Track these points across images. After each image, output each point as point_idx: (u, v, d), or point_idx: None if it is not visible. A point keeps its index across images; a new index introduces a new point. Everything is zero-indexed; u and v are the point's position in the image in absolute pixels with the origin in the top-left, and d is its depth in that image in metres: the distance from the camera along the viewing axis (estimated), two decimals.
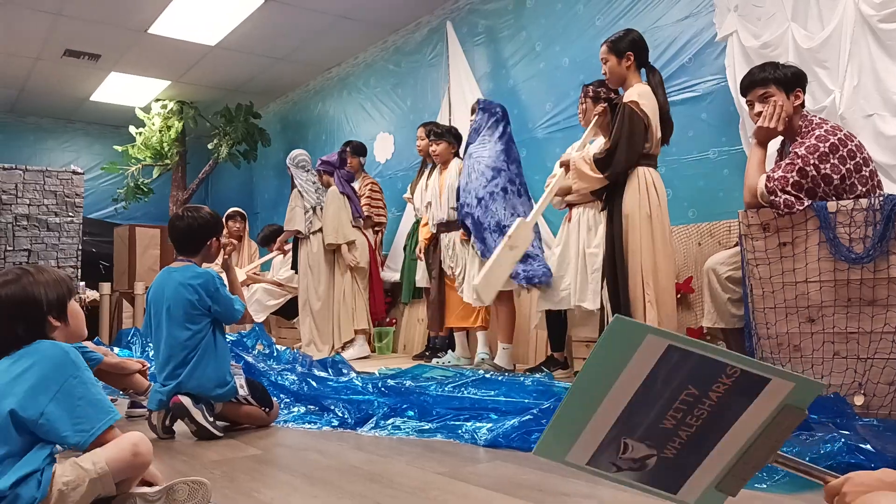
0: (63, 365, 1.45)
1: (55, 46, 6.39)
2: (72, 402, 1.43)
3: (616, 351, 0.97)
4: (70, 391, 1.43)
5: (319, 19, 5.92)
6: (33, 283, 1.53)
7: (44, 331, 1.53)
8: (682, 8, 3.92)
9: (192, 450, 2.31)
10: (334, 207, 4.90)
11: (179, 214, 2.62)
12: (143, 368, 3.06)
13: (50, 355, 1.46)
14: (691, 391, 0.97)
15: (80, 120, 8.76)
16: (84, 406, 1.44)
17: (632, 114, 2.96)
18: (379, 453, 2.17)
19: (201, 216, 2.59)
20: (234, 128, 7.53)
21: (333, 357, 3.71)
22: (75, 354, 1.49)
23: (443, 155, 4.35)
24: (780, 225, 2.39)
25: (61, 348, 1.48)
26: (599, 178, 3.02)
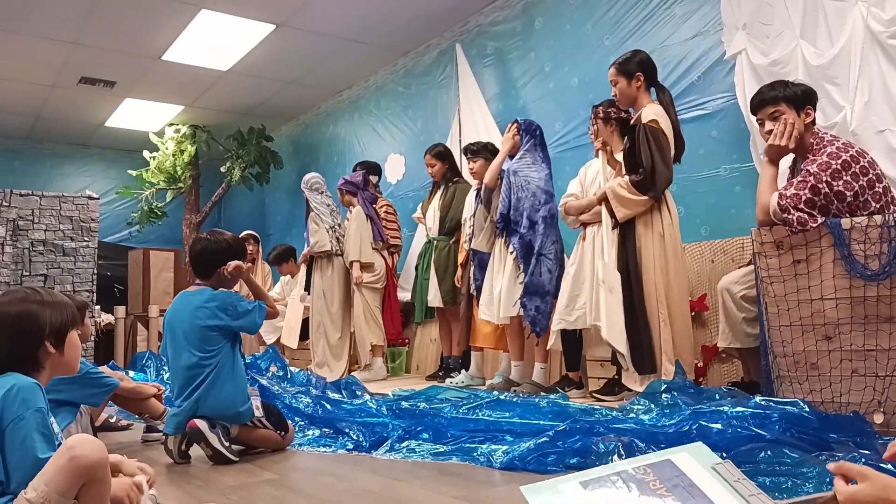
0: (9, 405, 1.35)
1: (71, 74, 6.50)
2: (12, 447, 1.33)
3: None
4: (11, 436, 1.34)
5: (330, 43, 5.99)
6: (39, 304, 1.50)
7: (37, 355, 1.48)
8: (690, 27, 3.94)
9: (209, 474, 2.31)
10: (357, 226, 4.93)
11: (199, 237, 2.65)
12: (159, 393, 3.08)
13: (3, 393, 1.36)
14: None
15: (96, 145, 8.89)
16: (21, 454, 1.33)
17: (656, 132, 2.97)
18: (394, 477, 2.17)
19: (217, 241, 2.62)
20: (246, 151, 7.61)
21: (347, 379, 3.71)
22: (29, 392, 1.38)
23: (479, 172, 4.25)
24: (794, 242, 2.38)
25: (17, 384, 1.38)
26: (644, 199, 2.98)
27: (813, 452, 1.86)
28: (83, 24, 5.46)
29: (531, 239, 3.70)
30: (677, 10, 4.01)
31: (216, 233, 2.67)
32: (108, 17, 5.37)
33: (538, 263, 3.63)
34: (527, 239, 3.71)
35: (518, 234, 3.73)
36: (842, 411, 2.22)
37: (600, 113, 3.46)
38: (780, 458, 1.78)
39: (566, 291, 3.39)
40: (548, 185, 3.80)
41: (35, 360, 1.48)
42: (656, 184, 2.96)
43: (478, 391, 3.38)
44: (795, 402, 2.10)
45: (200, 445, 2.46)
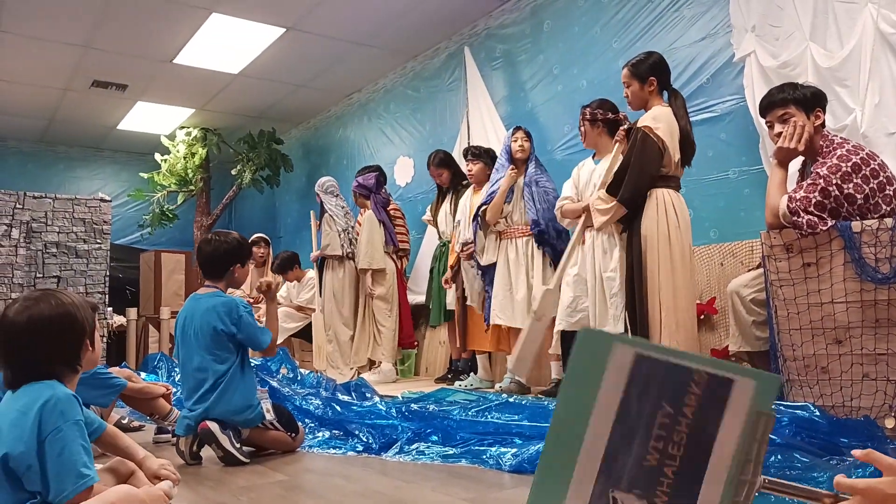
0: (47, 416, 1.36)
1: (84, 77, 6.57)
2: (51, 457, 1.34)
3: (589, 367, 0.96)
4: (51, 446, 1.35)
5: (339, 47, 6.02)
6: (71, 305, 1.49)
7: (79, 354, 1.49)
8: (699, 29, 3.93)
9: (220, 476, 2.33)
10: (369, 232, 4.95)
11: (207, 239, 2.67)
12: (168, 393, 3.10)
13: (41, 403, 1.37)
14: (666, 411, 0.96)
15: (108, 148, 8.96)
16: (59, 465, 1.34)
17: (644, 138, 2.97)
18: (404, 479, 2.18)
19: (227, 241, 2.63)
20: (256, 154, 7.66)
21: (356, 381, 3.73)
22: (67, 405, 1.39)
23: (478, 175, 4.36)
24: (804, 245, 2.37)
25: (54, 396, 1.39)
26: (615, 205, 3.04)
27: (823, 457, 1.86)
28: (95, 27, 5.52)
29: (562, 249, 3.75)
30: (686, 13, 4.01)
31: (223, 233, 2.69)
32: (120, 21, 5.42)
33: None
34: (559, 249, 3.79)
35: (550, 245, 3.81)
36: (852, 416, 2.22)
37: (587, 114, 3.51)
38: (791, 463, 1.78)
39: (568, 293, 3.40)
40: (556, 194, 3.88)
41: (78, 359, 1.50)
42: (623, 186, 2.99)
43: (487, 393, 3.39)
44: (806, 407, 2.10)
45: (212, 447, 2.48)
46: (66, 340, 1.47)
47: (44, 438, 1.34)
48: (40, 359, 1.45)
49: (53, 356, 1.46)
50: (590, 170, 3.54)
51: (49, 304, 1.47)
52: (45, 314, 1.45)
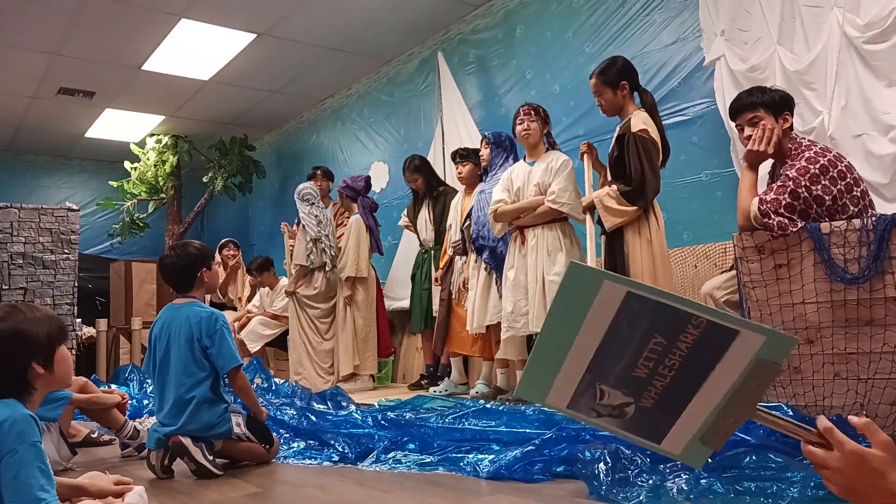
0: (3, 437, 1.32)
1: (51, 85, 6.44)
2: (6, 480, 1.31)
3: (576, 298, 0.95)
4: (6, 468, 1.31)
5: (312, 52, 5.98)
6: (24, 321, 1.44)
7: (25, 377, 1.43)
8: (669, 33, 3.97)
9: (192, 489, 2.28)
10: (357, 238, 4.90)
11: (165, 255, 2.61)
12: (123, 402, 3.00)
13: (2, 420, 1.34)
14: (659, 340, 0.95)
15: (76, 157, 8.80)
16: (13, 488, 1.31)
17: (645, 142, 2.99)
18: (380, 488, 2.15)
19: (185, 251, 2.58)
20: (228, 161, 7.57)
21: (332, 389, 3.69)
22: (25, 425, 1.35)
23: (468, 177, 4.32)
24: (775, 247, 2.39)
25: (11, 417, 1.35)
26: (633, 209, 3.01)
27: (797, 457, 1.87)
28: (62, 34, 5.42)
29: (502, 250, 3.72)
30: (657, 17, 4.05)
31: (179, 245, 2.62)
32: (88, 28, 5.33)
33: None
34: (498, 250, 3.75)
35: (487, 248, 3.77)
36: (825, 415, 2.24)
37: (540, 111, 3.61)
38: (765, 463, 1.79)
39: (509, 298, 3.39)
40: None
41: (25, 382, 1.43)
42: (645, 194, 2.99)
43: (464, 400, 3.37)
44: (779, 407, 2.11)
45: (184, 460, 2.43)
46: (10, 362, 1.42)
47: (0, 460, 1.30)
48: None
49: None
50: (524, 171, 3.55)
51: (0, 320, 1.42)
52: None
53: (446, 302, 4.38)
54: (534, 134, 3.53)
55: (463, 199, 4.39)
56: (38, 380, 1.45)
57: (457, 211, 4.38)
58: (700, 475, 1.78)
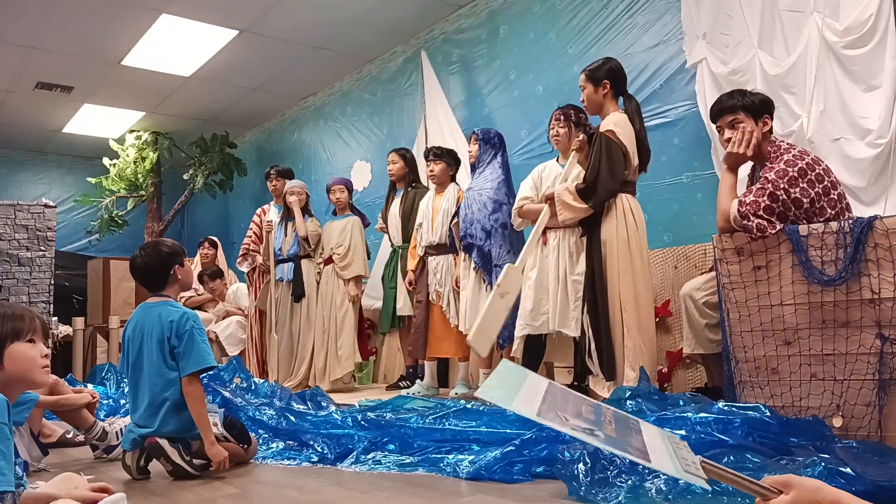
0: None
1: (27, 79, 6.34)
2: None
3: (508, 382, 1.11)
4: None
5: (294, 50, 5.94)
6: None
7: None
8: (652, 35, 3.99)
9: (168, 490, 2.25)
10: (360, 238, 4.95)
11: (135, 255, 2.55)
12: (93, 401, 2.95)
13: None
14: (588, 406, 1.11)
15: (53, 152, 8.67)
16: None
17: (609, 143, 3.00)
18: (359, 489, 2.14)
19: (156, 249, 2.53)
20: (209, 158, 7.50)
21: (313, 390, 3.66)
22: None
23: (439, 176, 4.30)
24: (754, 249, 2.41)
25: None
26: (584, 207, 3.05)
27: (774, 457, 1.88)
28: (39, 27, 5.33)
29: (490, 250, 3.72)
30: (639, 20, 4.07)
31: (150, 244, 2.56)
32: (65, 21, 5.25)
33: (496, 275, 3.64)
34: (486, 250, 3.74)
35: (476, 248, 3.75)
36: (802, 415, 2.26)
37: (572, 116, 3.46)
38: (743, 463, 1.80)
39: (530, 297, 3.39)
40: (498, 195, 3.80)
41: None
42: (597, 193, 3.02)
43: (445, 400, 3.36)
44: (757, 407, 2.13)
45: (160, 461, 2.39)
46: None
47: None
48: None
49: None
50: (556, 172, 3.52)
51: None
52: None
53: (423, 304, 4.34)
54: (562, 139, 3.49)
55: (434, 199, 4.37)
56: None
57: (428, 210, 4.36)
58: None
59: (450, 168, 4.33)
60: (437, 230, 4.23)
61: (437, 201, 4.31)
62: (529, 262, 3.45)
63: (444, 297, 4.19)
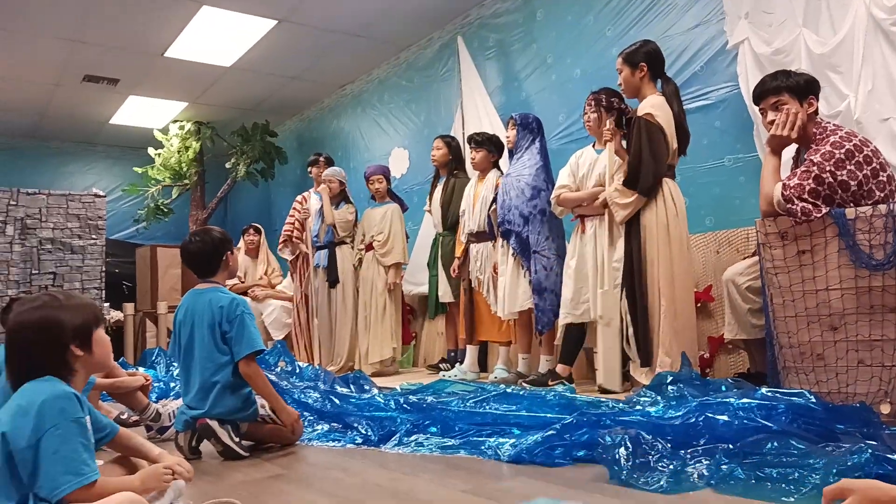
0: (46, 413, 1.37)
1: (75, 72, 6.53)
2: (46, 454, 1.35)
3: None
4: (48, 442, 1.35)
5: (332, 38, 5.99)
6: (58, 308, 1.49)
7: (65, 359, 1.48)
8: (692, 17, 3.92)
9: (219, 470, 2.34)
10: (400, 226, 5.02)
11: (188, 240, 2.63)
12: (146, 384, 3.06)
13: (42, 399, 1.38)
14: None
15: (101, 143, 8.92)
16: (55, 462, 1.35)
17: (648, 126, 2.97)
18: (403, 471, 2.19)
19: (210, 237, 2.61)
20: (251, 147, 7.63)
21: (355, 373, 3.73)
22: (67, 402, 1.40)
23: (480, 163, 4.32)
24: (799, 233, 2.38)
25: (53, 394, 1.40)
26: (636, 198, 3.04)
27: (819, 443, 1.87)
28: (85, 21, 5.48)
29: (528, 235, 3.72)
30: (679, 1, 4.00)
31: (201, 231, 2.65)
32: (110, 15, 5.39)
33: (535, 261, 3.65)
34: (524, 236, 3.74)
35: (514, 233, 3.76)
36: (848, 402, 2.23)
37: (603, 101, 3.44)
38: (787, 450, 1.79)
39: (570, 286, 3.39)
40: (536, 181, 3.79)
41: (65, 364, 1.48)
42: (641, 177, 2.98)
43: (485, 384, 3.40)
44: (801, 393, 2.11)
45: (211, 441, 2.48)
46: (47, 345, 1.47)
47: (41, 435, 1.34)
48: (28, 362, 1.46)
49: (37, 360, 1.46)
50: (591, 158, 3.50)
51: (36, 308, 1.47)
52: (27, 319, 1.46)
53: (468, 291, 4.39)
54: (594, 125, 3.48)
55: (476, 186, 4.38)
56: (77, 361, 1.50)
57: (470, 197, 4.38)
58: (721, 461, 1.79)
59: (491, 155, 4.32)
60: (476, 218, 4.25)
61: (479, 188, 4.33)
62: (569, 250, 3.46)
63: (484, 284, 4.22)
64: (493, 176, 4.30)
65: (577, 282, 3.39)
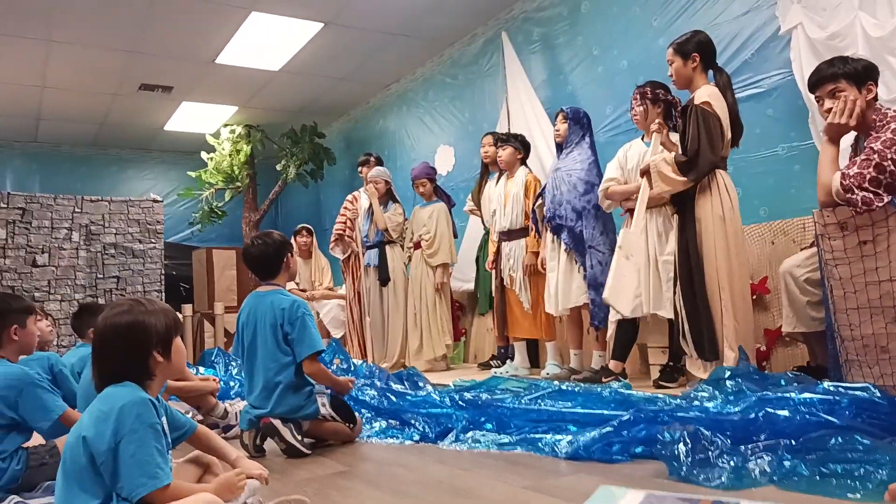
0: (124, 418, 1.43)
1: (131, 81, 6.76)
2: (124, 457, 1.41)
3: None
4: (126, 446, 1.42)
5: (376, 38, 6.06)
6: (145, 314, 1.55)
7: (147, 364, 1.54)
8: (741, 3, 3.85)
9: (283, 467, 2.42)
10: (447, 225, 5.07)
11: (250, 243, 2.72)
12: (215, 388, 3.19)
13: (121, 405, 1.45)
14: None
15: (157, 149, 9.22)
16: (131, 465, 1.41)
17: (706, 114, 2.93)
18: (461, 467, 2.23)
19: (272, 240, 2.70)
20: (300, 148, 7.77)
21: (408, 370, 3.79)
22: (143, 408, 1.46)
23: (508, 161, 4.37)
24: (859, 223, 2.32)
25: (131, 400, 1.46)
26: (683, 180, 2.98)
27: (886, 438, 1.84)
28: (140, 32, 5.67)
29: (581, 230, 3.70)
30: None
31: (263, 235, 2.74)
32: (163, 25, 5.56)
33: (590, 256, 3.64)
34: (577, 231, 3.72)
35: (566, 228, 3.75)
36: None
37: (648, 94, 3.42)
38: (852, 445, 1.76)
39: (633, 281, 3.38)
40: (589, 175, 3.78)
41: (147, 369, 1.54)
42: (698, 166, 2.94)
43: (537, 381, 3.41)
44: (866, 387, 2.06)
45: (274, 439, 2.57)
46: (133, 350, 1.53)
47: (120, 439, 1.42)
48: (113, 365, 1.53)
49: (122, 364, 1.53)
50: (639, 151, 3.48)
51: (125, 313, 1.54)
52: (117, 323, 1.53)
53: (500, 288, 4.43)
54: (640, 119, 3.46)
55: (505, 184, 4.41)
56: (157, 367, 1.56)
57: (500, 196, 4.40)
58: (783, 457, 1.77)
59: (518, 152, 4.39)
60: (508, 215, 4.29)
61: (508, 187, 4.36)
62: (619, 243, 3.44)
63: (517, 282, 4.25)
64: (522, 173, 4.35)
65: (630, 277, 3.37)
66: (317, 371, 2.61)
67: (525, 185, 4.30)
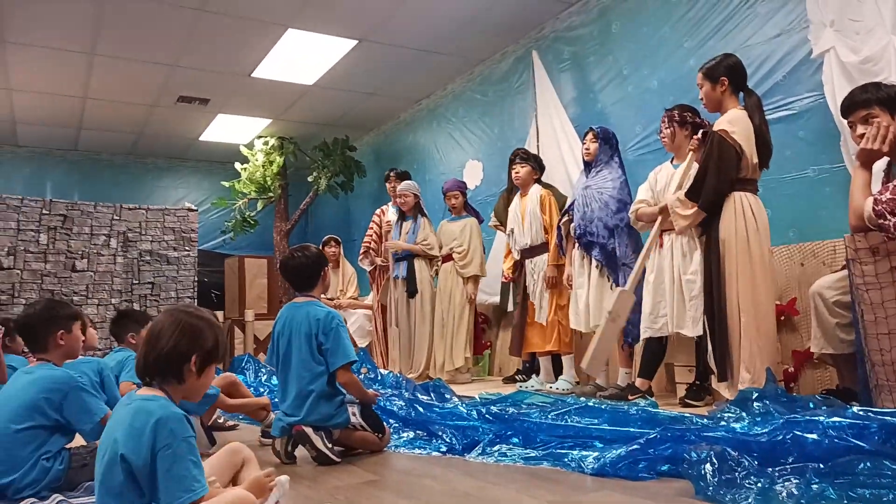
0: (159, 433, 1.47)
1: (170, 94, 6.95)
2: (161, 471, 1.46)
3: None
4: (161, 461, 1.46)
5: (408, 55, 6.17)
6: (206, 322, 1.63)
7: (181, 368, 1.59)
8: (773, 25, 3.87)
9: (315, 475, 2.48)
10: (479, 239, 5.15)
11: (290, 255, 2.82)
12: (267, 405, 3.28)
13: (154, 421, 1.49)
14: None
15: (191, 159, 9.43)
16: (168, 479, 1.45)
17: (721, 142, 2.97)
18: (489, 480, 2.27)
19: (310, 253, 2.80)
20: (331, 161, 7.90)
21: (435, 382, 3.84)
22: (177, 423, 1.50)
23: (524, 178, 4.51)
24: (891, 248, 2.34)
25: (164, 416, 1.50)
26: (695, 211, 3.07)
27: None
28: (181, 47, 5.83)
29: (613, 248, 3.74)
30: (760, 9, 3.95)
31: (302, 248, 2.84)
32: (204, 40, 5.72)
33: (623, 273, 3.68)
34: (609, 248, 3.76)
35: (598, 245, 3.79)
36: None
37: (675, 116, 3.47)
38: (881, 471, 1.77)
39: (648, 300, 3.41)
40: (622, 194, 3.84)
41: (179, 373, 1.59)
42: (703, 193, 3.00)
43: (564, 396, 3.44)
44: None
45: (305, 447, 2.64)
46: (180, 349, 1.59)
47: (156, 453, 1.47)
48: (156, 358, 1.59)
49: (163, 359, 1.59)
50: (668, 173, 3.52)
51: (192, 314, 1.63)
52: (177, 319, 1.61)
53: (521, 304, 4.49)
54: (668, 141, 3.52)
55: (519, 202, 4.48)
56: (188, 377, 1.61)
57: (516, 214, 4.48)
58: (811, 480, 1.79)
59: (534, 172, 4.56)
60: (527, 233, 4.37)
61: (524, 204, 4.45)
62: (648, 265, 3.48)
63: (537, 297, 4.33)
64: (536, 190, 4.49)
65: (656, 296, 3.39)
66: (349, 381, 2.69)
67: (539, 200, 4.44)
